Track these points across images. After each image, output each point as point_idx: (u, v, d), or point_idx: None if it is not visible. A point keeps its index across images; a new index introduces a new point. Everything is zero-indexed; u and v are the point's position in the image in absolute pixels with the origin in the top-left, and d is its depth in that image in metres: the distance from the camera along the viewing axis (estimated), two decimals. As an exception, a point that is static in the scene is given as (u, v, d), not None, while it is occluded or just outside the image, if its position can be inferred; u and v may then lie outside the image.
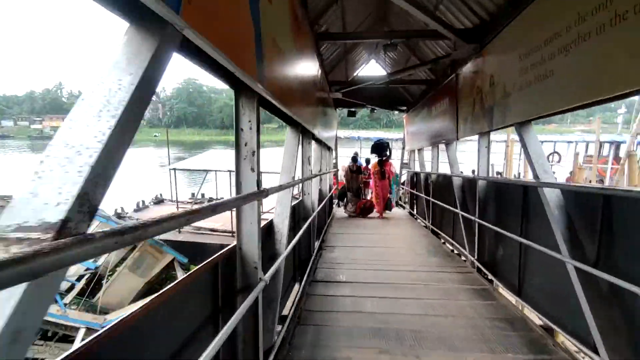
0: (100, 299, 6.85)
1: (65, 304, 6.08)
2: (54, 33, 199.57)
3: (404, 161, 10.95)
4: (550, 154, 17.14)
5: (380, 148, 8.76)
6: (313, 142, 4.83)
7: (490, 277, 3.83)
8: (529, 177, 9.13)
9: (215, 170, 11.42)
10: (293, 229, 3.26)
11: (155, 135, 71.57)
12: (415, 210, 8.86)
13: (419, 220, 8.31)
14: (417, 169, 8.74)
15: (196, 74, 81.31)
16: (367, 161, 9.84)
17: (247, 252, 1.88)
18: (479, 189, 4.09)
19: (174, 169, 10.97)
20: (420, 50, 7.01)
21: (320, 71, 4.97)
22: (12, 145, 61.89)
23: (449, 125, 5.34)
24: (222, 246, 1.92)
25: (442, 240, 6.11)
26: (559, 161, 16.81)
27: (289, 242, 2.71)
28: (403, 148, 10.88)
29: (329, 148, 8.03)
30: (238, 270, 1.88)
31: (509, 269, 3.58)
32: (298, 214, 3.94)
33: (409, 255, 4.96)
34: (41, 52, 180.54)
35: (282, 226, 2.69)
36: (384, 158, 8.68)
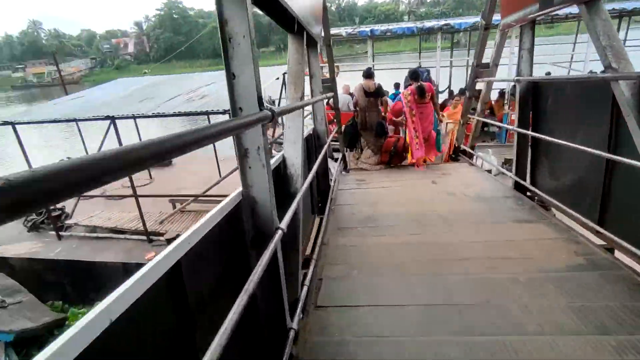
0: None
1: None
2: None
3: (482, 62, 4.68)
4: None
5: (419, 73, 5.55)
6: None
7: None
8: None
9: (106, 118, 6.18)
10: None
11: (144, 72, 65.33)
12: (536, 182, 3.59)
13: (554, 212, 3.30)
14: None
15: (178, -5, 69.93)
16: (397, 86, 6.78)
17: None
18: None
19: (6, 123, 5.97)
20: None
21: None
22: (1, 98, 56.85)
23: None
24: (125, 265, 0.41)
25: None
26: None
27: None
28: (486, 28, 4.32)
29: (305, 40, 2.64)
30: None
31: None
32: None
33: None
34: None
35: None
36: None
